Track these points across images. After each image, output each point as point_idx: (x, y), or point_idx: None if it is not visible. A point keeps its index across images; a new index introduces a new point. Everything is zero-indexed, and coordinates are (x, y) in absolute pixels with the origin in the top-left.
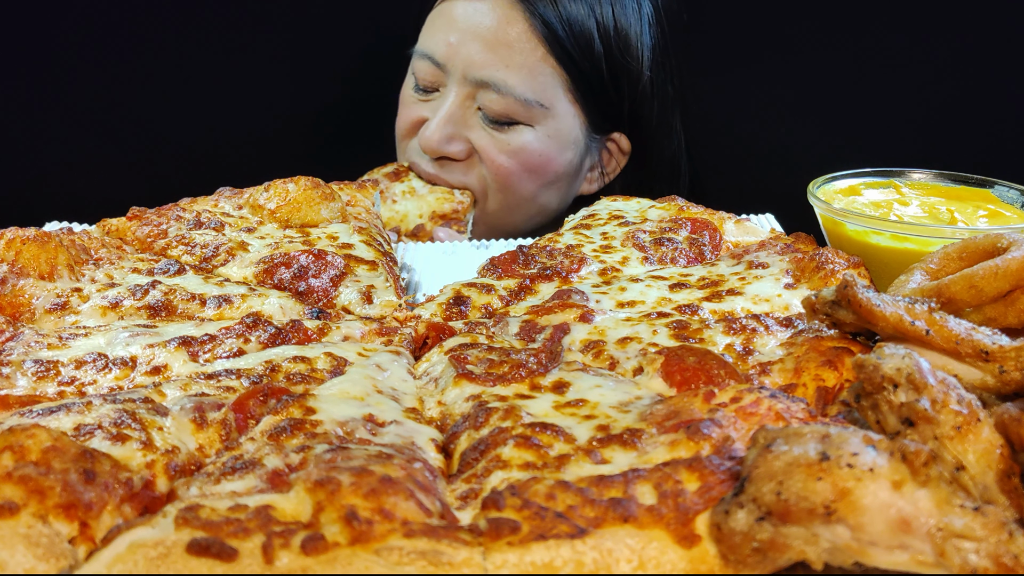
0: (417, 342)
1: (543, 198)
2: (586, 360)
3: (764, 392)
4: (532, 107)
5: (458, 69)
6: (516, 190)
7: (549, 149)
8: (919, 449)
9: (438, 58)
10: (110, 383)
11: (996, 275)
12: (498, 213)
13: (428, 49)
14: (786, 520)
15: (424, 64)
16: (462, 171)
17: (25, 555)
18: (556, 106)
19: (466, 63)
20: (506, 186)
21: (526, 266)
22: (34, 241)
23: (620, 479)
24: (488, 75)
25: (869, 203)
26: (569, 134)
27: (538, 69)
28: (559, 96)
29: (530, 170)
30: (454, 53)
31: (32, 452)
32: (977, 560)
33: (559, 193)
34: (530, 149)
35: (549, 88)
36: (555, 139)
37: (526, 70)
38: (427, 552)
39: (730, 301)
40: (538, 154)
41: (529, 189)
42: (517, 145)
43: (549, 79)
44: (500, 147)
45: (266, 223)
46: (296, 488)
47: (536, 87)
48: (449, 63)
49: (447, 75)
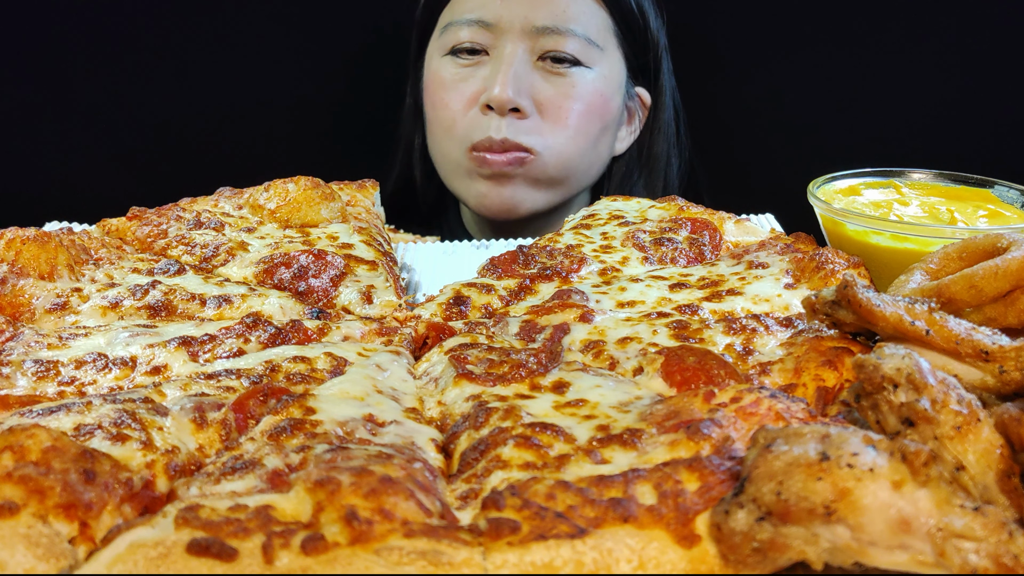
0: (417, 342)
1: (600, 144)
2: (586, 360)
3: (764, 392)
4: (591, 47)
5: (515, 23)
6: (582, 133)
7: (606, 90)
8: (919, 449)
9: (488, 19)
10: (110, 383)
11: (996, 275)
12: (562, 161)
13: (474, 14)
14: (786, 520)
15: (471, 30)
16: (527, 131)
17: (25, 555)
18: (608, 48)
19: (524, 15)
20: (573, 129)
21: (526, 266)
22: (34, 241)
23: (620, 479)
24: (549, 21)
25: (869, 203)
26: (618, 76)
27: (591, 10)
28: (609, 38)
29: (591, 112)
30: (507, 9)
31: (32, 452)
32: (977, 560)
33: (609, 141)
34: (591, 89)
35: (602, 29)
36: (610, 80)
37: (581, 12)
38: (427, 552)
39: (730, 301)
40: (599, 94)
41: (592, 132)
42: (580, 87)
43: (600, 20)
44: (564, 92)
45: (266, 223)
46: (296, 488)
47: (592, 28)
48: (503, 20)
49: (500, 35)
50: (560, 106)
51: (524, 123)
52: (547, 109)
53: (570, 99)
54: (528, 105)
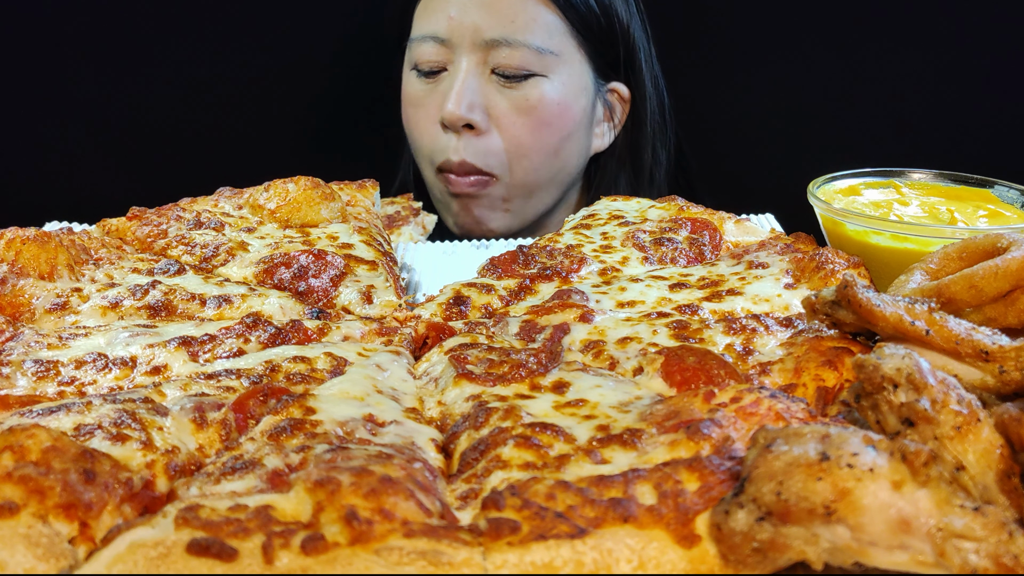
0: (417, 342)
1: (564, 153)
2: (586, 360)
3: (764, 392)
4: (545, 55)
5: (465, 38)
6: (540, 147)
7: (566, 97)
8: (919, 449)
9: (441, 34)
10: (110, 383)
11: (996, 275)
12: (526, 178)
13: (429, 31)
14: (786, 520)
15: (426, 47)
16: (486, 148)
17: (25, 555)
18: (564, 52)
19: (473, 29)
20: (530, 146)
21: (526, 266)
22: (34, 241)
23: (620, 479)
24: (498, 33)
25: (869, 203)
26: (580, 79)
27: (541, 18)
28: (566, 42)
29: (549, 123)
30: (458, 24)
31: (32, 452)
32: (977, 560)
33: (577, 146)
34: (548, 99)
35: (556, 35)
36: (569, 86)
37: (531, 20)
38: (427, 552)
39: (730, 301)
40: (556, 103)
41: (551, 143)
42: (535, 98)
43: (553, 26)
44: (519, 105)
45: (266, 223)
46: (296, 488)
47: (544, 35)
48: (454, 36)
49: (453, 49)
50: (515, 120)
51: (482, 141)
52: (503, 124)
53: (524, 112)
54: (482, 120)
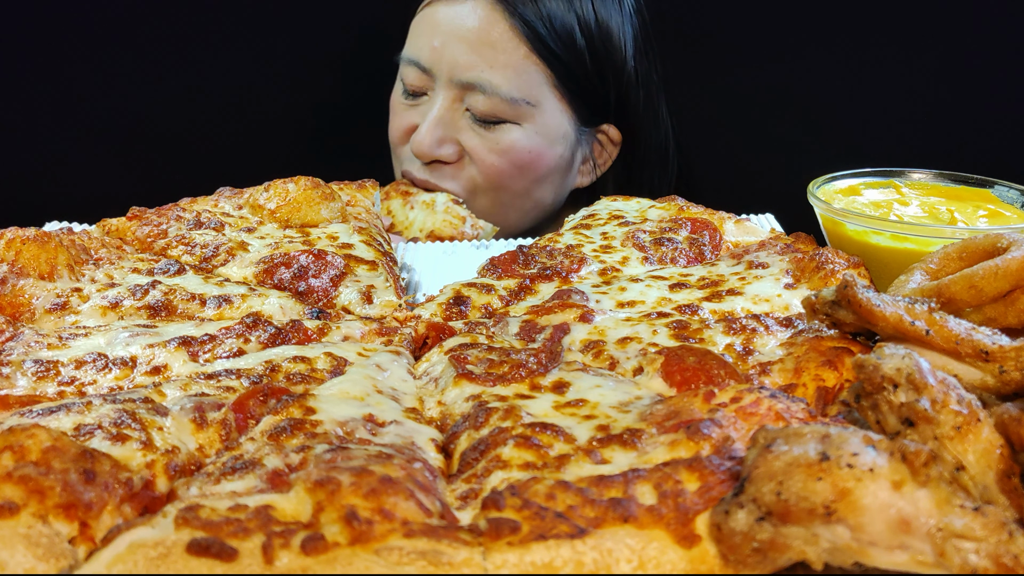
0: (417, 342)
1: (537, 194)
2: (586, 360)
3: (764, 392)
4: (519, 105)
5: (444, 72)
6: (508, 188)
7: (538, 145)
8: (919, 449)
9: (424, 63)
10: (110, 383)
11: (996, 275)
12: (490, 211)
13: (414, 55)
14: (786, 520)
15: (411, 70)
16: (452, 174)
17: (25, 555)
18: (543, 103)
19: (451, 66)
20: (498, 185)
21: (526, 266)
22: (34, 241)
23: (620, 479)
24: (473, 76)
25: (869, 203)
26: (558, 129)
27: (522, 67)
28: (545, 92)
29: (521, 167)
30: (439, 57)
31: (32, 452)
32: (977, 560)
33: (552, 188)
34: (519, 147)
35: (535, 85)
36: (544, 135)
37: (510, 69)
38: (427, 552)
39: (730, 301)
40: (527, 151)
41: (521, 186)
42: (506, 144)
43: (534, 76)
44: (490, 147)
45: (266, 223)
46: (296, 488)
47: (521, 85)
48: (435, 67)
49: (434, 79)
50: (484, 159)
51: (448, 167)
52: (475, 159)
53: (494, 155)
54: (451, 154)
